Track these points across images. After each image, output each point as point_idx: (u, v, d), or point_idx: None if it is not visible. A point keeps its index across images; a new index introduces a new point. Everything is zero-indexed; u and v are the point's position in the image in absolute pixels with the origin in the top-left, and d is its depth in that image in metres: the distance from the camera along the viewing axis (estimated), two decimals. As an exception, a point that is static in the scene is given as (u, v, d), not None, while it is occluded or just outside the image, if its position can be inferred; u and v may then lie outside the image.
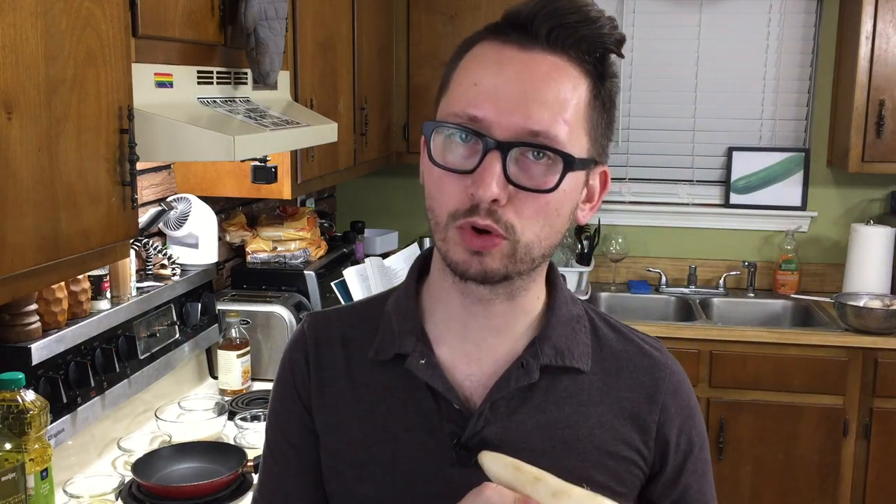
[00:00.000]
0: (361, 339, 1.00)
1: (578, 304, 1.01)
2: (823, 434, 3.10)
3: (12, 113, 1.18)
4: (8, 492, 1.39)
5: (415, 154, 3.51)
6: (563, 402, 0.95)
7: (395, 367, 0.96)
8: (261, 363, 2.52)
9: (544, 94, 0.84)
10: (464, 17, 3.40)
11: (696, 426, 1.02)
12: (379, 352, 0.97)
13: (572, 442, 0.94)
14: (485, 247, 0.85)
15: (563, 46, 0.86)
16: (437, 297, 0.97)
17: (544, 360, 0.94)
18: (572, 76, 0.86)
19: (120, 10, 1.43)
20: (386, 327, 0.98)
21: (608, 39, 0.88)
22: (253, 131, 1.74)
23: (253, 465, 1.86)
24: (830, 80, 3.54)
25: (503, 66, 0.85)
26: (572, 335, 0.97)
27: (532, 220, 0.86)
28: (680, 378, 1.01)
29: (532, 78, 0.85)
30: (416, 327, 0.96)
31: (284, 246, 2.76)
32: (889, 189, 3.55)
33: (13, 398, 1.48)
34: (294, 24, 2.29)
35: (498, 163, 0.83)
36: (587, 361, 0.97)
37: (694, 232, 3.71)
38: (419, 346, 0.95)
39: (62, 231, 1.30)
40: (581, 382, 0.96)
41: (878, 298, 3.20)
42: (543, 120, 0.84)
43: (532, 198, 0.85)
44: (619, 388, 0.97)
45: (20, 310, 1.63)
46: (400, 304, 0.99)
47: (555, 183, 0.84)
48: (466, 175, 0.85)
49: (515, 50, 0.86)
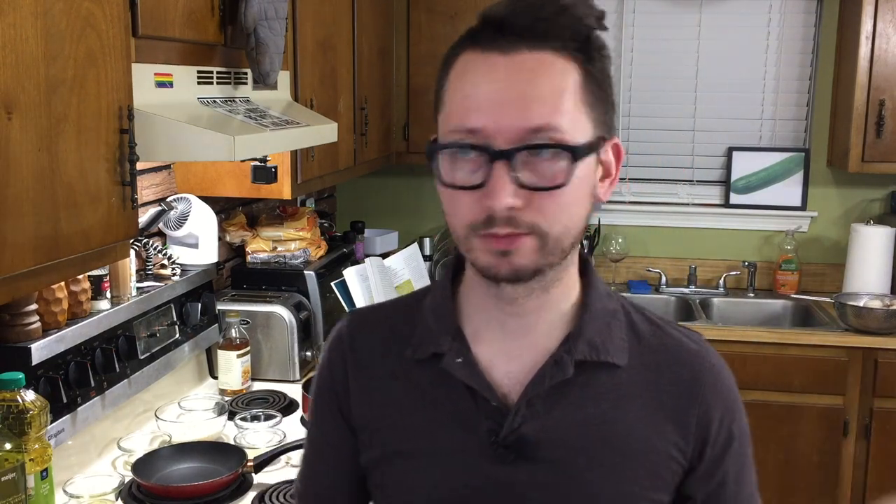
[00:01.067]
0: (400, 337, 1.01)
1: (615, 299, 1.01)
2: (823, 434, 3.10)
3: (12, 113, 1.18)
4: (8, 492, 1.39)
5: (415, 154, 3.52)
6: (601, 398, 0.95)
7: (433, 365, 0.97)
8: (261, 363, 2.52)
9: (536, 91, 0.85)
10: (464, 17, 3.39)
11: (737, 420, 1.00)
12: (416, 350, 0.98)
13: (611, 438, 0.94)
14: (510, 245, 0.86)
15: (543, 40, 0.86)
16: (472, 296, 0.98)
17: (578, 356, 0.94)
18: (559, 66, 0.86)
19: (120, 10, 1.43)
20: (423, 326, 0.99)
21: (587, 21, 0.88)
22: (253, 131, 1.74)
23: (253, 465, 1.86)
24: (830, 80, 3.54)
25: (490, 73, 0.86)
26: (607, 330, 0.97)
27: (556, 215, 0.86)
28: (719, 371, 1.00)
29: (520, 78, 0.85)
30: (452, 327, 0.97)
31: (284, 246, 2.76)
32: (889, 189, 3.55)
33: (13, 398, 1.48)
34: (294, 24, 2.29)
35: (506, 171, 0.84)
36: (624, 356, 0.96)
37: (694, 232, 3.71)
38: (455, 345, 0.96)
39: (62, 231, 1.30)
40: (618, 378, 0.96)
41: (878, 298, 3.20)
42: (542, 114, 0.84)
43: (548, 194, 0.85)
44: (658, 383, 0.97)
45: (20, 310, 1.63)
46: (436, 303, 1.00)
47: (565, 177, 0.85)
48: (478, 189, 0.86)
49: (498, 55, 0.86)
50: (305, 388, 2.22)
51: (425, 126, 3.48)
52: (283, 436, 2.08)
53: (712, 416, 0.97)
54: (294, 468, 1.95)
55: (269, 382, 2.51)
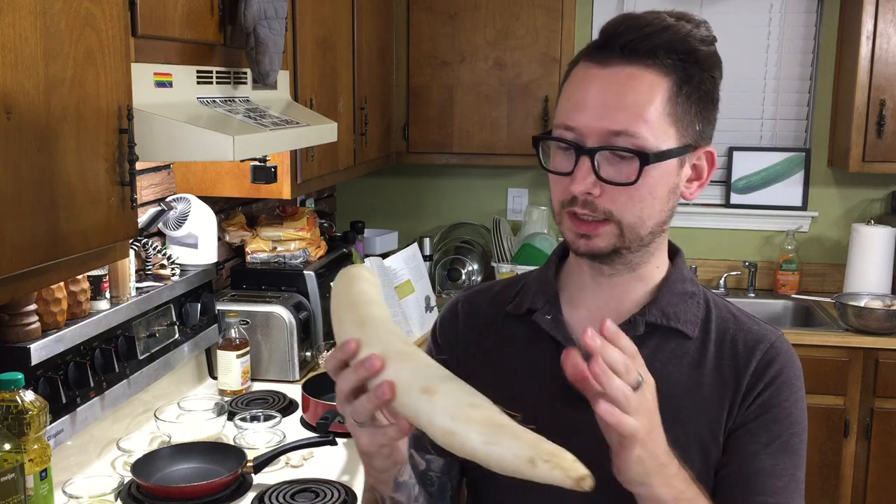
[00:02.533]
0: (503, 301, 1.20)
1: (697, 286, 1.16)
2: (824, 434, 3.10)
3: (11, 113, 1.18)
4: (7, 492, 1.39)
5: (415, 154, 3.52)
6: (668, 361, 1.09)
7: (528, 320, 1.15)
8: (260, 363, 2.51)
9: (621, 100, 1.01)
10: (464, 17, 3.40)
11: (782, 400, 1.08)
12: (516, 307, 1.18)
13: (671, 398, 1.04)
14: (589, 231, 1.05)
15: (637, 56, 1.02)
16: (572, 272, 1.16)
17: (650, 319, 1.10)
18: (648, 79, 1.01)
19: (119, 9, 1.43)
20: (525, 290, 1.19)
21: (690, 41, 1.03)
22: (252, 131, 1.74)
23: (252, 465, 1.86)
24: (831, 80, 3.54)
25: (588, 83, 1.04)
26: (682, 304, 1.12)
27: (627, 206, 1.03)
28: (780, 351, 1.10)
29: (609, 89, 1.02)
30: (550, 291, 1.16)
31: (284, 246, 2.76)
32: (890, 189, 3.55)
33: (12, 398, 1.47)
34: (294, 24, 2.28)
35: (587, 164, 1.02)
36: (693, 329, 1.11)
37: (694, 232, 3.71)
38: (548, 306, 1.15)
39: (61, 231, 1.30)
40: (686, 347, 1.10)
41: (878, 298, 3.20)
42: (622, 121, 1.00)
43: (621, 189, 1.02)
44: (721, 356, 1.10)
45: (19, 310, 1.63)
46: (540, 274, 1.20)
47: (635, 176, 1.01)
48: (567, 176, 1.04)
49: (597, 68, 1.03)
50: (305, 389, 2.22)
51: (425, 126, 3.48)
52: (282, 436, 2.07)
53: (757, 385, 1.08)
54: (294, 468, 1.95)
55: (269, 383, 2.51)
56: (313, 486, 1.83)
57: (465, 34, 3.41)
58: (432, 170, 3.79)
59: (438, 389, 0.86)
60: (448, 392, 0.86)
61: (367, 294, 0.97)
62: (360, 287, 0.98)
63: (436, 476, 1.18)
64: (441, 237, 3.81)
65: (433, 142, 3.49)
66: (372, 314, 0.94)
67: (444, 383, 0.87)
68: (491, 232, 3.56)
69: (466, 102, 3.44)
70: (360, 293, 0.97)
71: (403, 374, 0.88)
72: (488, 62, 3.41)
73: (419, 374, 0.88)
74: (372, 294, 0.98)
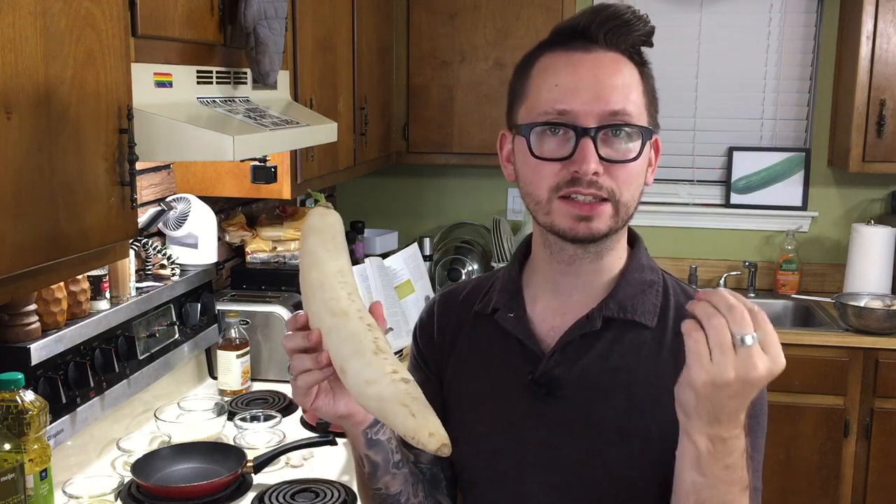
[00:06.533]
0: (473, 300, 1.24)
1: (657, 272, 1.18)
2: (824, 434, 3.10)
3: (11, 113, 1.18)
4: (7, 492, 1.39)
5: (414, 154, 3.51)
6: (626, 352, 1.12)
7: (493, 320, 1.18)
8: (260, 363, 2.51)
9: (614, 82, 1.06)
10: (464, 17, 3.40)
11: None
12: (483, 307, 1.21)
13: (629, 387, 1.10)
14: (592, 212, 1.06)
15: (616, 45, 1.08)
16: (536, 267, 1.19)
17: (607, 313, 1.12)
18: (628, 66, 1.08)
19: (119, 9, 1.43)
20: (492, 289, 1.22)
21: (645, 34, 1.10)
22: (253, 131, 1.74)
23: (252, 465, 1.86)
24: (831, 80, 3.53)
25: (576, 67, 1.07)
26: (641, 296, 1.14)
27: (626, 184, 1.07)
28: None
29: (601, 72, 1.06)
30: (513, 289, 1.19)
31: (284, 246, 2.76)
32: (890, 189, 3.55)
33: (12, 398, 1.47)
34: (294, 24, 2.28)
35: (590, 144, 1.04)
36: (652, 319, 1.13)
37: (694, 232, 3.71)
38: (511, 304, 1.17)
39: (61, 231, 1.30)
40: (644, 337, 1.13)
41: (878, 298, 3.20)
42: (618, 101, 1.05)
43: (621, 167, 1.06)
44: (679, 343, 1.06)
45: (19, 310, 1.63)
46: (506, 273, 1.22)
47: (637, 152, 1.07)
48: (561, 161, 1.06)
49: (581, 53, 1.08)
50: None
51: (425, 126, 3.48)
52: (282, 436, 2.07)
53: None
54: (294, 468, 1.95)
55: (269, 383, 2.51)
56: (313, 486, 1.83)
57: (465, 34, 3.41)
58: (432, 170, 3.79)
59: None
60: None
61: (312, 253, 0.99)
62: (307, 245, 1.00)
63: (426, 468, 1.22)
64: (441, 237, 3.81)
65: (433, 142, 3.49)
66: (309, 279, 0.98)
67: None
68: (491, 232, 3.56)
69: (466, 102, 3.44)
70: (306, 253, 1.00)
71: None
72: (488, 62, 3.41)
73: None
74: (317, 251, 0.99)
